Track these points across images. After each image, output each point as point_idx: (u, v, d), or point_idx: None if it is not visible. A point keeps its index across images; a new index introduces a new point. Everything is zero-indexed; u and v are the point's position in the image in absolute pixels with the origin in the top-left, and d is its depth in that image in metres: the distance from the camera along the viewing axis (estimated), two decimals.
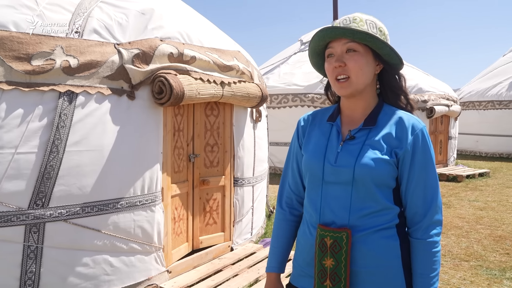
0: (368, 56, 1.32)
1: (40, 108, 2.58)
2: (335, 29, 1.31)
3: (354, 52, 1.31)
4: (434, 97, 9.26)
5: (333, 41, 1.34)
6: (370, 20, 1.33)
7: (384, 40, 1.31)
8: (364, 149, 1.30)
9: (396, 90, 1.38)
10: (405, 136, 1.30)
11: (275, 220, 1.56)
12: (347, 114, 1.41)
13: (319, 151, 1.37)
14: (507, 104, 12.13)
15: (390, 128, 1.32)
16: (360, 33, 1.28)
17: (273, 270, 1.51)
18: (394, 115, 1.35)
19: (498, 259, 4.06)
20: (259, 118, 4.41)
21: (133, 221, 2.94)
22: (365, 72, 1.32)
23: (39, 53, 2.57)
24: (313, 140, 1.43)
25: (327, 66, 1.36)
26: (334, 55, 1.33)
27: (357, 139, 1.34)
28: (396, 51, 1.32)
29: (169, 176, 3.28)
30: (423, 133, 1.31)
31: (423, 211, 1.30)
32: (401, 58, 1.35)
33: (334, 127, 1.40)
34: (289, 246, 1.53)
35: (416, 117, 1.35)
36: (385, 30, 1.36)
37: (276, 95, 8.88)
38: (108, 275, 2.86)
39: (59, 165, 2.61)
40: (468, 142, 12.89)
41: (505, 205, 6.33)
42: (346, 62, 1.31)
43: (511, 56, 13.87)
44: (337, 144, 1.36)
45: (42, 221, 2.59)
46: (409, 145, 1.29)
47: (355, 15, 1.34)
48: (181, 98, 3.02)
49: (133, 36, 3.00)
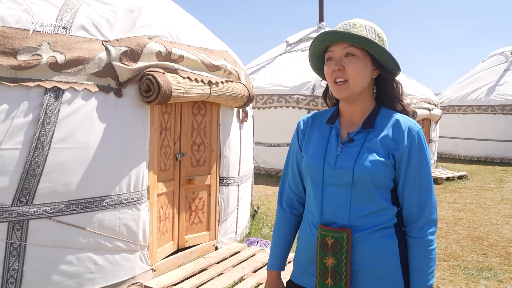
0: (366, 61, 1.36)
1: (26, 104, 2.54)
2: (335, 34, 1.35)
3: (352, 56, 1.35)
4: (416, 101, 9.44)
5: (333, 45, 1.38)
6: (369, 26, 1.38)
7: (382, 46, 1.35)
8: (363, 152, 1.35)
9: (393, 98, 1.43)
10: (402, 139, 1.34)
11: (276, 220, 1.59)
12: (346, 116, 1.45)
13: (319, 154, 1.41)
14: (486, 109, 12.46)
15: (387, 131, 1.36)
16: (359, 38, 1.33)
17: (274, 268, 1.55)
18: (391, 118, 1.39)
19: (475, 259, 4.18)
20: (245, 118, 4.43)
21: (118, 219, 2.93)
22: (362, 76, 1.36)
23: (25, 48, 2.54)
24: (313, 142, 1.47)
25: (326, 69, 1.40)
26: (334, 59, 1.37)
27: (356, 141, 1.38)
28: (393, 57, 1.37)
29: (155, 174, 3.27)
30: (419, 136, 1.35)
31: (419, 211, 1.35)
32: (398, 65, 1.40)
33: (333, 130, 1.44)
34: (290, 245, 1.58)
35: (413, 120, 1.40)
36: (383, 36, 1.40)
37: (261, 95, 8.91)
38: (92, 273, 2.84)
39: (44, 162, 2.58)
40: (448, 145, 13.18)
41: (483, 207, 6.52)
42: (344, 66, 1.35)
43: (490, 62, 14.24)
44: (336, 146, 1.40)
45: (25, 218, 2.55)
46: (406, 147, 1.33)
47: (355, 21, 1.38)
48: (168, 97, 3.02)
49: (121, 33, 2.99)
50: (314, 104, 8.47)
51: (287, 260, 1.59)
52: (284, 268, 1.56)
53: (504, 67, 13.55)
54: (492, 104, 12.38)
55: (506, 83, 12.75)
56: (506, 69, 13.40)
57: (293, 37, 11.09)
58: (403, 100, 1.45)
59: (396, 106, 1.43)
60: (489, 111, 12.36)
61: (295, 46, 10.61)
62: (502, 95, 12.39)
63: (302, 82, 8.72)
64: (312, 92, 8.55)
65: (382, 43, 1.38)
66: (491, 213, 6.12)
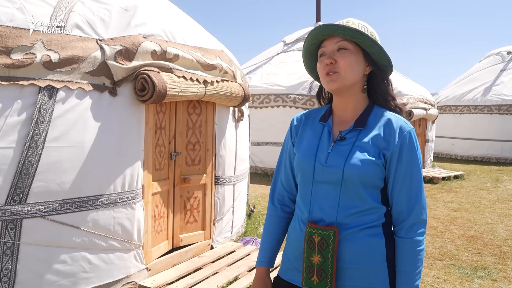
0: (358, 55, 1.38)
1: (19, 102, 2.53)
2: (328, 26, 1.37)
3: (344, 50, 1.37)
4: (412, 101, 9.46)
5: (326, 41, 1.40)
6: (362, 24, 1.40)
7: (373, 39, 1.37)
8: (354, 150, 1.35)
9: (385, 96, 1.44)
10: (393, 138, 1.35)
11: (267, 216, 1.60)
12: (338, 114, 1.46)
13: (311, 151, 1.42)
14: (482, 109, 12.50)
15: (379, 130, 1.37)
16: (351, 30, 1.34)
17: (262, 265, 1.55)
18: (383, 117, 1.39)
19: (470, 258, 4.20)
20: (241, 118, 4.43)
21: (113, 218, 2.92)
22: (354, 69, 1.37)
23: (19, 46, 2.53)
24: (305, 140, 1.47)
25: (319, 65, 1.41)
26: (326, 54, 1.39)
27: (347, 140, 1.38)
28: (385, 52, 1.38)
29: (150, 173, 3.27)
30: (410, 135, 1.35)
31: (408, 211, 1.35)
32: (390, 59, 1.41)
33: (326, 128, 1.45)
34: (279, 242, 1.57)
35: (405, 119, 1.40)
36: (376, 35, 1.42)
37: (258, 95, 8.91)
38: (86, 273, 2.83)
39: (37, 160, 2.57)
40: (445, 145, 13.22)
41: (478, 206, 6.54)
42: (336, 59, 1.36)
43: (487, 63, 14.29)
44: (328, 144, 1.41)
45: (19, 217, 2.55)
46: (397, 147, 1.34)
47: (348, 19, 1.41)
48: (163, 96, 3.02)
49: (116, 32, 2.98)
50: (311, 103, 8.48)
51: (276, 257, 1.58)
52: (273, 265, 1.56)
53: (500, 67, 13.60)
54: (488, 104, 12.42)
55: (503, 83, 12.79)
56: (502, 69, 13.45)
57: (290, 36, 11.10)
58: (395, 98, 1.46)
59: (389, 104, 1.44)
60: (486, 111, 12.40)
61: (292, 45, 10.62)
62: (498, 95, 12.44)
63: (299, 81, 8.73)
64: (309, 92, 8.56)
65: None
66: (487, 212, 6.15)
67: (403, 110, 1.46)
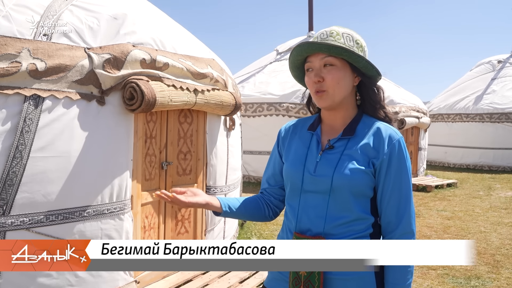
0: (345, 69, 1.35)
1: (4, 112, 2.48)
2: (311, 45, 1.34)
3: (331, 66, 1.34)
4: (405, 109, 9.51)
5: (311, 56, 1.37)
6: (347, 33, 1.36)
7: (360, 54, 1.34)
8: (343, 159, 1.32)
9: (374, 104, 1.41)
10: (382, 147, 1.32)
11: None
12: (327, 123, 1.44)
13: (299, 161, 1.39)
14: (474, 117, 12.60)
15: (368, 139, 1.34)
16: (336, 48, 1.31)
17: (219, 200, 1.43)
18: (372, 126, 1.37)
19: (463, 268, 4.17)
20: (232, 126, 4.40)
21: (100, 230, 2.86)
22: (342, 86, 1.34)
23: (4, 55, 2.49)
24: (293, 149, 1.45)
25: (307, 80, 1.39)
26: (313, 70, 1.36)
27: (336, 148, 1.36)
28: (372, 64, 1.35)
29: (139, 183, 3.21)
30: (399, 144, 1.33)
31: (396, 221, 1.33)
32: (378, 70, 1.38)
33: (314, 136, 1.43)
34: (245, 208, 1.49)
35: (394, 128, 1.38)
36: (362, 42, 1.39)
37: (251, 103, 8.90)
38: (73, 286, 2.76)
39: (22, 171, 2.51)
40: (437, 153, 13.28)
41: (471, 214, 6.54)
42: (323, 77, 1.33)
43: (478, 71, 14.44)
44: (317, 153, 1.38)
45: (2, 230, 2.48)
46: (386, 155, 1.31)
47: (332, 29, 1.37)
48: (152, 105, 2.98)
49: (104, 40, 2.95)
50: (304, 112, 8.48)
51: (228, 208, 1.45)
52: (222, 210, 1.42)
53: (491, 76, 13.75)
54: (480, 112, 12.53)
55: (494, 92, 12.92)
56: (493, 78, 13.60)
57: (283, 45, 11.13)
58: (385, 107, 1.44)
59: (378, 113, 1.41)
60: (477, 119, 12.50)
61: (285, 54, 10.65)
62: (489, 103, 12.55)
63: (292, 90, 8.74)
64: (302, 100, 8.55)
65: (361, 49, 1.37)
66: (480, 220, 6.14)
67: (392, 119, 1.44)
